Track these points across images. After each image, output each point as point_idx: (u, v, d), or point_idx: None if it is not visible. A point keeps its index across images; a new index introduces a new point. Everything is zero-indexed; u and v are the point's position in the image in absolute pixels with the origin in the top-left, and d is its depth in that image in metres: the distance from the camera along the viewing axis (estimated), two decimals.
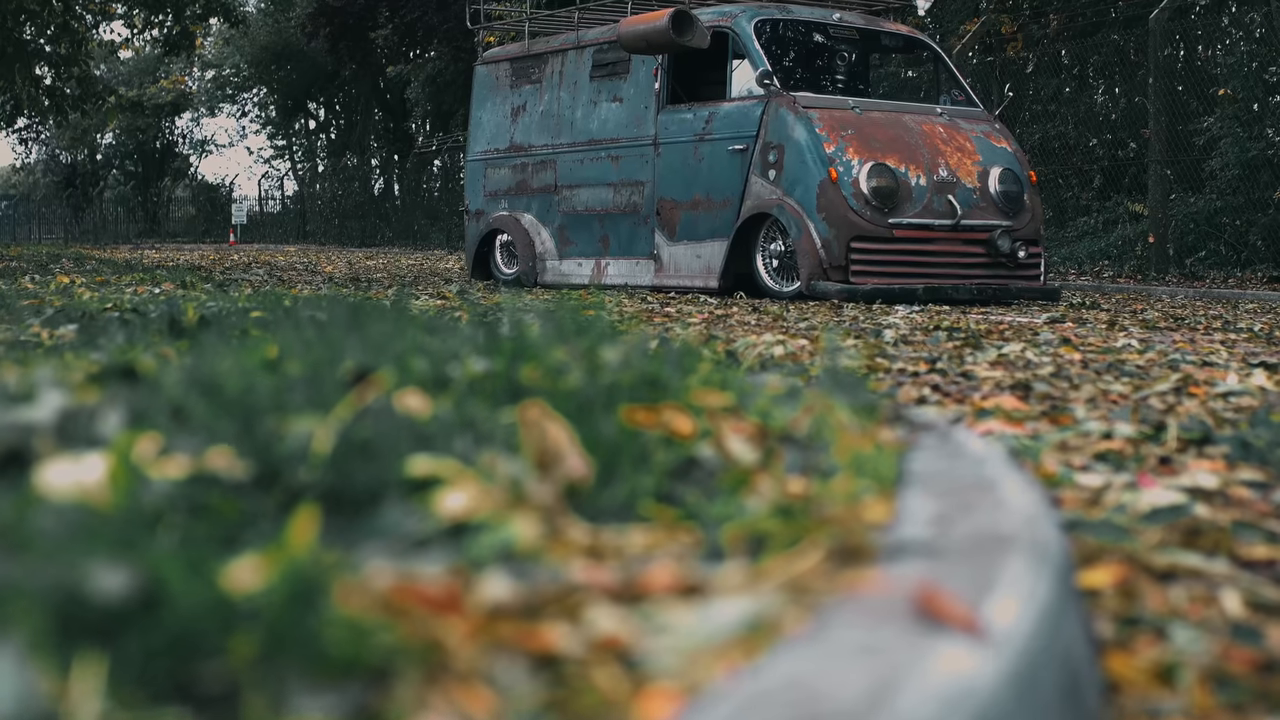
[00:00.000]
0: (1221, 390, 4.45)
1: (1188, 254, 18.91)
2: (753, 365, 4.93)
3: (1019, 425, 3.46)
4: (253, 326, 4.67)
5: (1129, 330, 8.05)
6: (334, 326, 2.59)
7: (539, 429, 1.58)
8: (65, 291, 8.27)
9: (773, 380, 2.51)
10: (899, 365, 5.22)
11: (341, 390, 1.60)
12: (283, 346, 2.14)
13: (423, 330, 2.37)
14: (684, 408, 1.90)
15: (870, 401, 2.29)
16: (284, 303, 6.68)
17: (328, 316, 3.84)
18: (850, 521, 1.42)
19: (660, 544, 1.38)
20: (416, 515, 1.32)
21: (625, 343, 2.27)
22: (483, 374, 1.88)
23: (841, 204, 11.15)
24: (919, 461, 1.76)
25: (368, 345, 2.08)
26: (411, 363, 1.94)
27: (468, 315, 7.64)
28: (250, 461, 1.34)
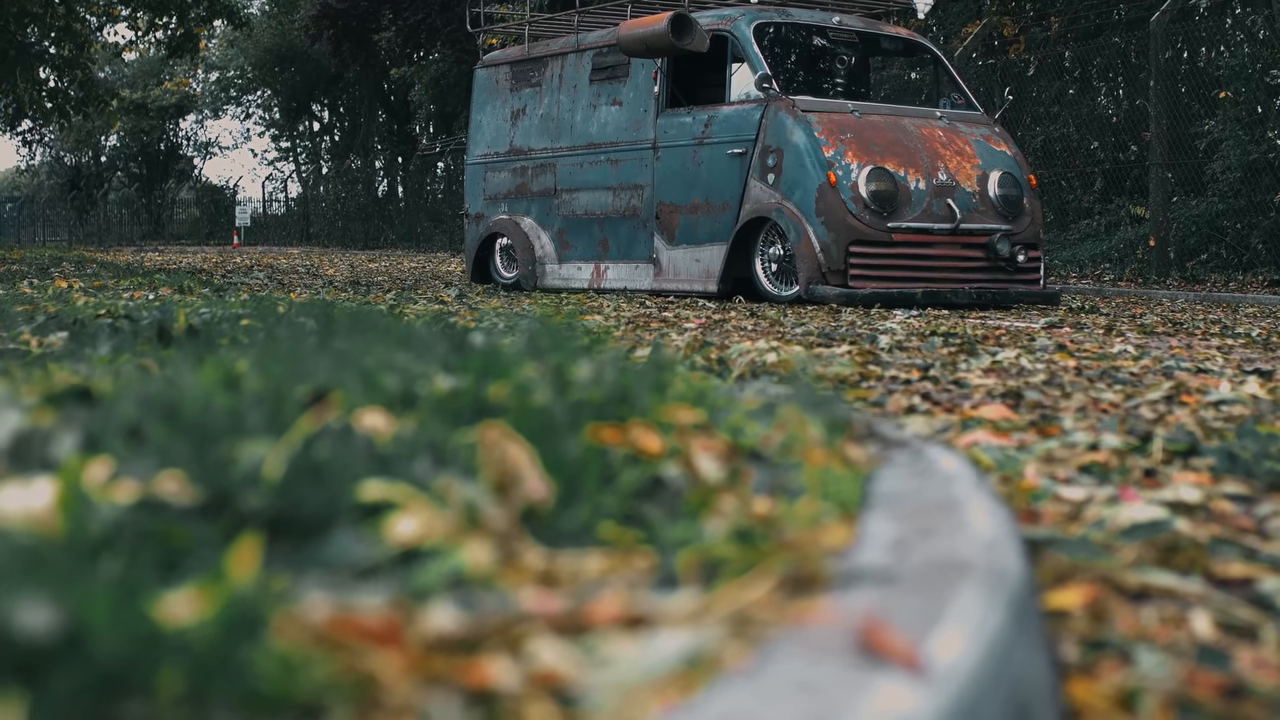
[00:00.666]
0: (1214, 399, 4.43)
1: (1189, 257, 18.89)
2: (744, 373, 4.92)
3: (1005, 436, 3.44)
4: (241, 334, 4.66)
5: (1126, 336, 8.03)
6: (308, 340, 2.58)
7: (499, 450, 1.57)
8: (61, 297, 8.26)
9: (750, 394, 2.50)
10: (891, 372, 5.21)
11: (300, 411, 1.59)
12: (250, 362, 2.13)
13: (395, 344, 2.35)
14: (652, 425, 1.88)
15: (845, 416, 2.27)
16: (277, 308, 6.67)
17: (310, 327, 3.82)
18: (808, 546, 1.40)
19: (615, 569, 1.37)
20: (366, 542, 1.30)
21: (598, 358, 2.25)
22: (450, 392, 1.87)
23: (840, 208, 11.13)
24: (887, 480, 1.75)
25: (337, 361, 2.06)
26: (379, 380, 1.92)
27: (461, 321, 7.63)
28: (200, 487, 1.33)
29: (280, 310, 6.64)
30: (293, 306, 6.74)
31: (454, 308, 9.84)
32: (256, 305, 6.78)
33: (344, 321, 5.10)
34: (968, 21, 24.27)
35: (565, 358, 2.30)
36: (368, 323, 4.73)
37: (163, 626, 1.01)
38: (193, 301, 7.39)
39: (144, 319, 5.86)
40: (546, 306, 10.41)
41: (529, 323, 7.72)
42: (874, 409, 4.17)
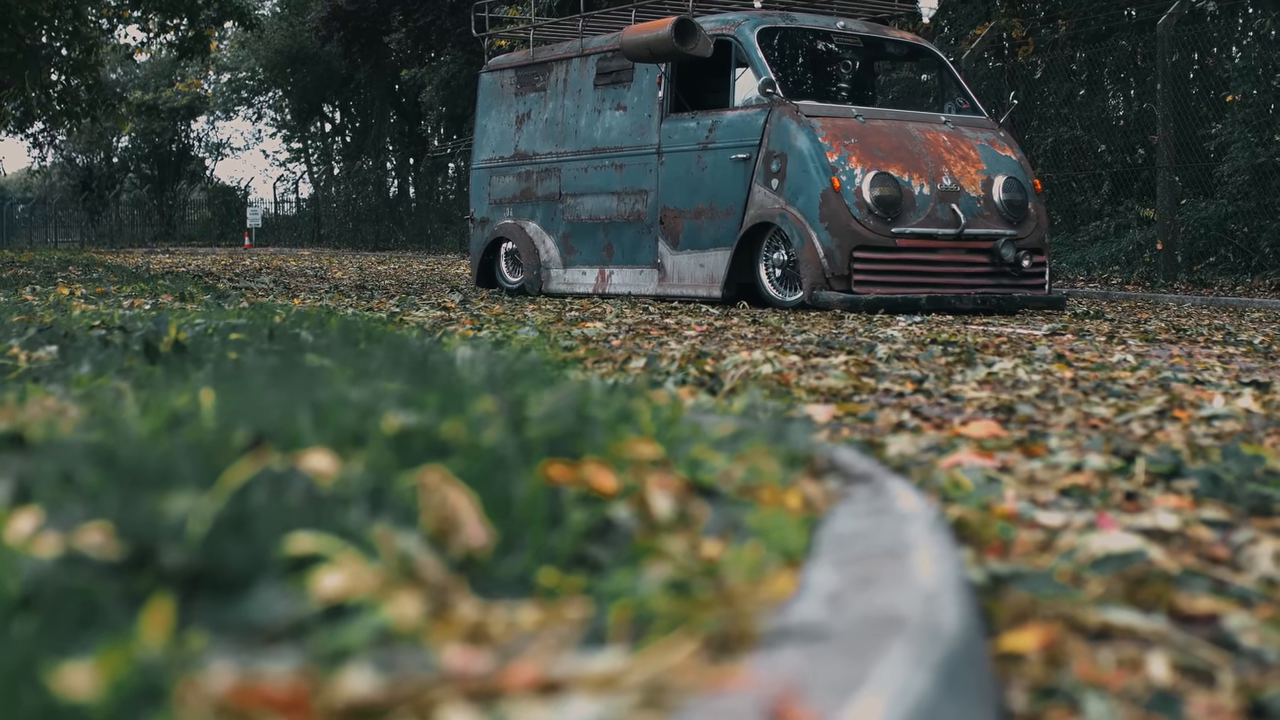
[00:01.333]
0: (1206, 413, 4.41)
1: (1198, 260, 18.84)
2: (735, 387, 4.90)
3: (989, 456, 3.42)
4: (229, 349, 4.65)
5: (1128, 344, 8.00)
6: (277, 366, 2.56)
7: (439, 496, 1.55)
8: (60, 305, 8.25)
9: (718, 422, 2.47)
10: (885, 385, 5.18)
11: (238, 456, 1.57)
12: (207, 395, 2.11)
13: (358, 375, 2.33)
14: (607, 463, 1.86)
15: (808, 447, 2.25)
16: (274, 318, 6.66)
17: (289, 346, 3.81)
18: (745, 600, 1.38)
19: (547, 623, 1.35)
20: (291, 598, 1.28)
21: (562, 388, 2.23)
22: (401, 429, 1.85)
23: (844, 213, 11.10)
24: (841, 521, 1.73)
25: (294, 394, 2.04)
26: (332, 415, 1.90)
27: (460, 331, 7.62)
28: (125, 541, 1.31)
29: (277, 319, 6.64)
30: (289, 316, 6.73)
31: (456, 314, 9.83)
32: (253, 315, 6.77)
33: (328, 338, 5.08)
34: (977, 23, 24.21)
35: (529, 388, 2.28)
36: (352, 338, 4.71)
37: (60, 700, 1.00)
38: (190, 311, 7.37)
39: (137, 330, 5.84)
40: (549, 313, 10.39)
41: (526, 331, 7.71)
42: (863, 425, 4.15)
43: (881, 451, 3.44)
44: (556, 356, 5.26)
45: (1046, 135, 23.08)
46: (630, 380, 4.30)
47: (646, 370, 5.52)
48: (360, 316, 9.14)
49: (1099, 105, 22.65)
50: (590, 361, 5.93)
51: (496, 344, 6.86)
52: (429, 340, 5.38)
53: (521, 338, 7.43)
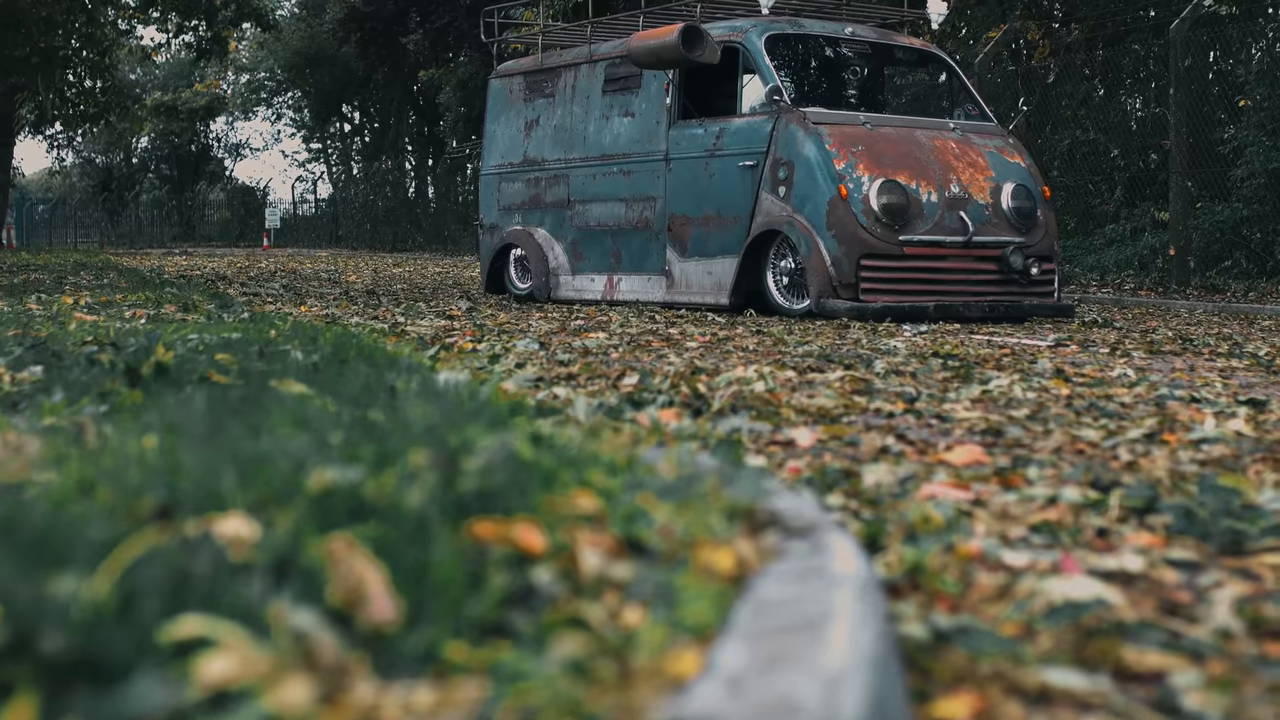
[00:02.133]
0: (1196, 436, 4.37)
1: (1213, 263, 18.76)
2: (724, 408, 4.86)
3: (965, 487, 3.38)
4: (213, 370, 4.63)
5: (1131, 356, 7.95)
6: (225, 407, 2.53)
7: (346, 567, 1.52)
8: (60, 317, 8.25)
9: (673, 461, 2.44)
10: (877, 404, 5.14)
11: (145, 524, 1.54)
12: (141, 445, 2.08)
13: (298, 424, 2.30)
14: (537, 520, 1.83)
15: (759, 494, 2.22)
16: (268, 334, 6.64)
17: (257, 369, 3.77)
18: (645, 683, 1.35)
19: (442, 706, 1.32)
20: (172, 686, 1.25)
21: (501, 438, 2.19)
22: (326, 488, 1.82)
23: (851, 221, 11.06)
24: (768, 585, 1.69)
25: (230, 442, 2.02)
26: (262, 471, 1.87)
27: (461, 343, 7.58)
28: (6, 625, 1.28)
29: (272, 335, 6.61)
30: (284, 331, 6.71)
31: (460, 324, 9.80)
32: (248, 330, 6.75)
33: (318, 354, 5.06)
34: (993, 25, 24.14)
35: (477, 433, 2.25)
36: (341, 355, 4.68)
37: None
38: (189, 324, 7.35)
39: (128, 347, 5.83)
40: (553, 322, 10.37)
41: (526, 344, 7.69)
42: (847, 449, 4.12)
43: (857, 482, 3.40)
44: (521, 397, 5.24)
45: (1063, 138, 23.01)
46: (594, 412, 4.26)
47: (639, 388, 5.48)
48: (363, 326, 9.13)
49: (1115, 108, 22.56)
50: (584, 379, 5.90)
51: (492, 358, 6.83)
52: (413, 361, 5.34)
53: (520, 350, 7.41)
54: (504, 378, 5.86)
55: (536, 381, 5.77)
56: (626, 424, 4.46)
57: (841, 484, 3.40)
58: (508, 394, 4.98)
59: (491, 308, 12.49)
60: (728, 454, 3.84)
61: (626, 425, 4.40)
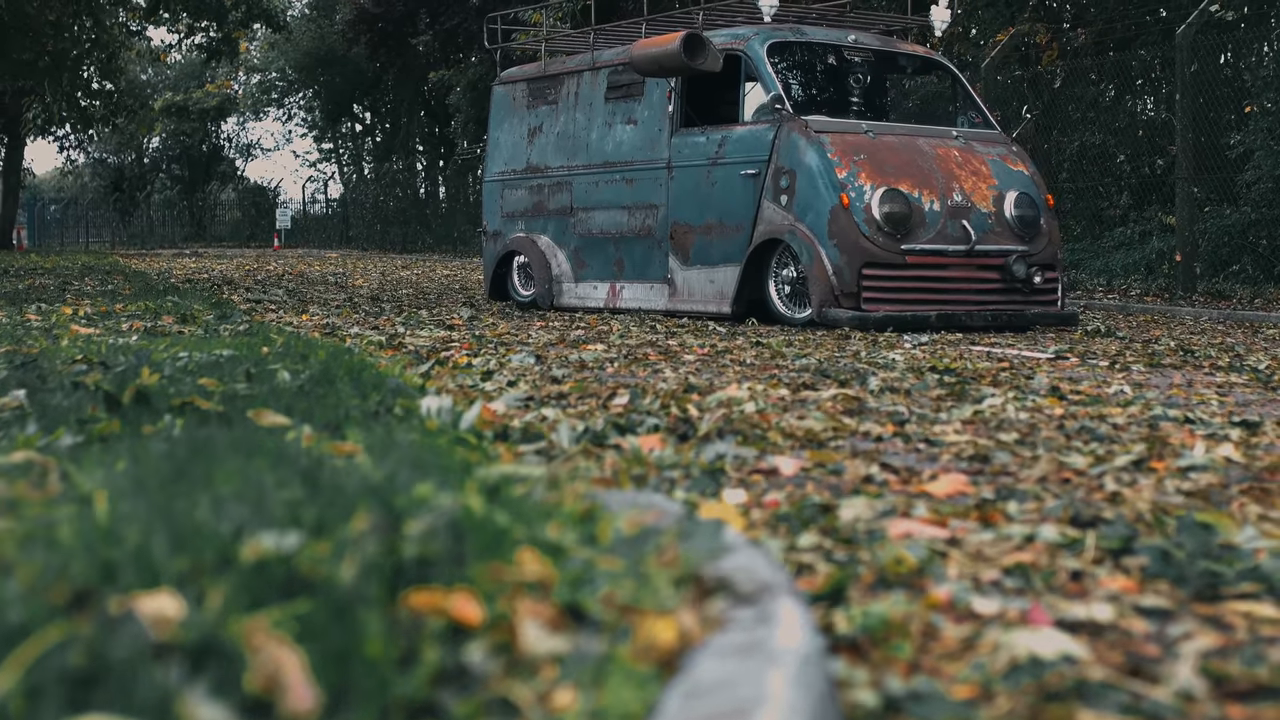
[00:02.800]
0: (1185, 463, 4.33)
1: (1221, 268, 18.69)
2: (711, 432, 4.82)
3: (942, 524, 3.35)
4: (195, 395, 4.60)
5: (1130, 370, 7.91)
6: (166, 464, 2.50)
7: (264, 653, 1.49)
8: (57, 329, 8.23)
9: (628, 518, 2.41)
10: (866, 426, 5.11)
11: (63, 610, 1.51)
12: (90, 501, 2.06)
13: (247, 477, 2.27)
14: (475, 591, 1.80)
15: (715, 551, 2.19)
16: (260, 350, 6.61)
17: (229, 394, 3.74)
18: None
19: None
20: None
21: (453, 497, 2.16)
22: (262, 557, 1.79)
23: (853, 230, 11.02)
24: (704, 664, 1.66)
25: (165, 509, 1.98)
26: (199, 538, 1.84)
27: (458, 357, 7.54)
28: None
29: (264, 351, 6.59)
30: (276, 348, 6.68)
31: (459, 335, 9.77)
32: (240, 347, 6.73)
33: (309, 373, 5.03)
34: (1001, 28, 24.06)
35: (425, 490, 2.21)
36: (329, 376, 4.64)
37: None
38: (184, 338, 7.32)
39: (117, 366, 5.81)
40: (553, 332, 10.34)
41: (521, 358, 7.65)
42: (830, 477, 4.08)
43: (833, 518, 3.37)
44: (508, 420, 5.20)
45: (1072, 140, 22.94)
46: (577, 439, 4.22)
47: (628, 409, 5.45)
48: (361, 338, 9.10)
49: (1122, 112, 22.48)
50: (575, 398, 5.87)
51: (485, 374, 6.80)
52: (400, 382, 5.31)
53: (515, 365, 7.38)
54: (494, 396, 5.84)
55: (527, 401, 5.74)
56: (611, 450, 4.43)
57: (818, 520, 3.37)
58: (492, 419, 4.96)
59: (493, 316, 12.46)
60: (706, 486, 3.81)
61: (610, 453, 4.37)
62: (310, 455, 2.71)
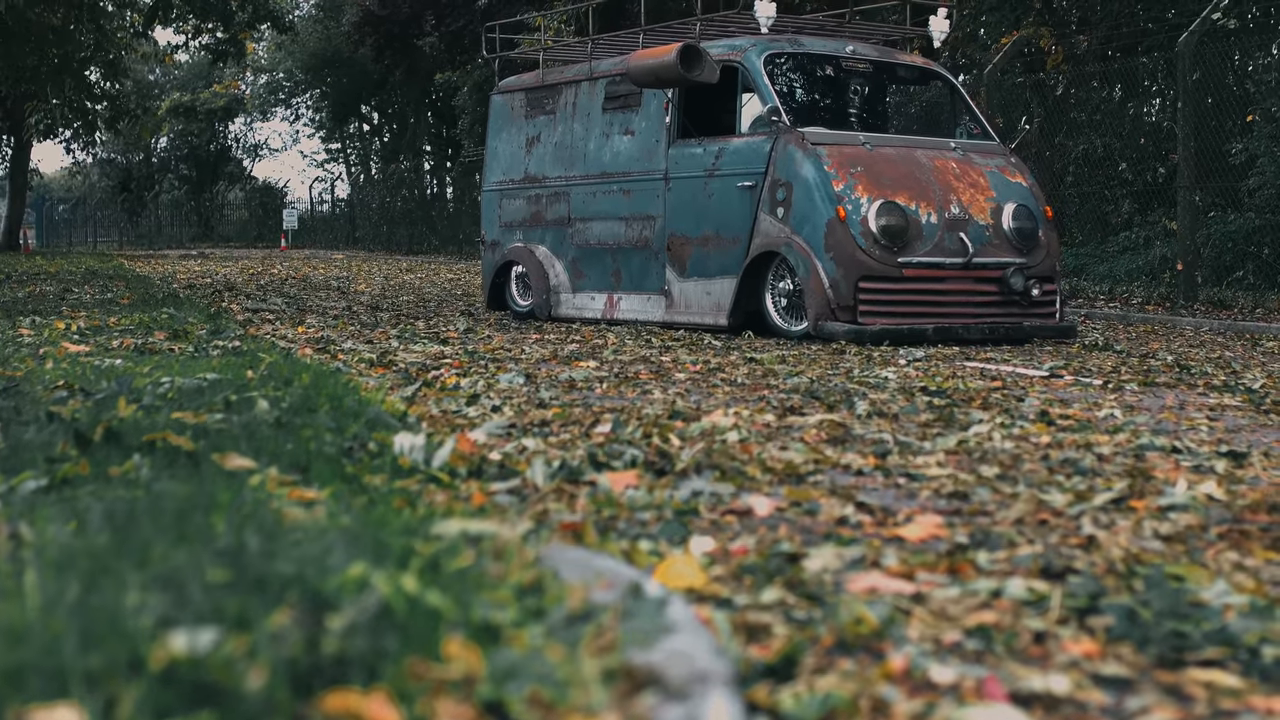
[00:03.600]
0: (1165, 502, 4.28)
1: (1225, 274, 18.62)
2: (689, 466, 4.78)
3: (909, 577, 3.30)
4: (169, 431, 4.56)
5: (1124, 389, 7.86)
6: (104, 532, 2.46)
7: None
8: (44, 349, 8.19)
9: (579, 588, 2.36)
10: (848, 458, 5.06)
11: None
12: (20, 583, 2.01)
13: (172, 558, 2.22)
14: (392, 693, 1.76)
15: (658, 628, 2.15)
16: (245, 374, 6.58)
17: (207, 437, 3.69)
18: None
19: None
20: None
21: (370, 593, 2.11)
22: (172, 660, 1.74)
23: (850, 243, 10.97)
24: None
25: (77, 608, 1.94)
26: (114, 633, 1.80)
27: (446, 378, 7.49)
28: None
29: (248, 375, 6.55)
30: (261, 373, 6.64)
31: (452, 350, 9.72)
32: (225, 370, 6.69)
33: (289, 401, 4.98)
34: (1005, 32, 24.00)
35: (359, 570, 2.17)
36: (310, 404, 4.59)
37: None
38: (168, 362, 7.28)
39: (99, 393, 5.77)
40: (548, 346, 10.29)
41: (510, 378, 7.60)
42: (805, 518, 4.04)
43: (799, 570, 3.32)
44: (481, 454, 5.16)
45: (1078, 143, 22.88)
46: (552, 477, 4.16)
47: (609, 438, 5.42)
48: (353, 354, 9.06)
49: (1125, 119, 22.39)
50: (558, 425, 5.83)
51: (471, 398, 6.75)
52: (381, 412, 5.26)
53: (502, 387, 7.33)
54: (477, 423, 5.79)
55: (509, 428, 5.70)
56: (586, 487, 4.39)
57: (784, 571, 3.32)
58: (471, 451, 4.91)
59: (490, 328, 12.42)
60: (675, 533, 3.76)
61: (585, 490, 4.33)
62: (259, 519, 2.67)
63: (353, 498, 3.81)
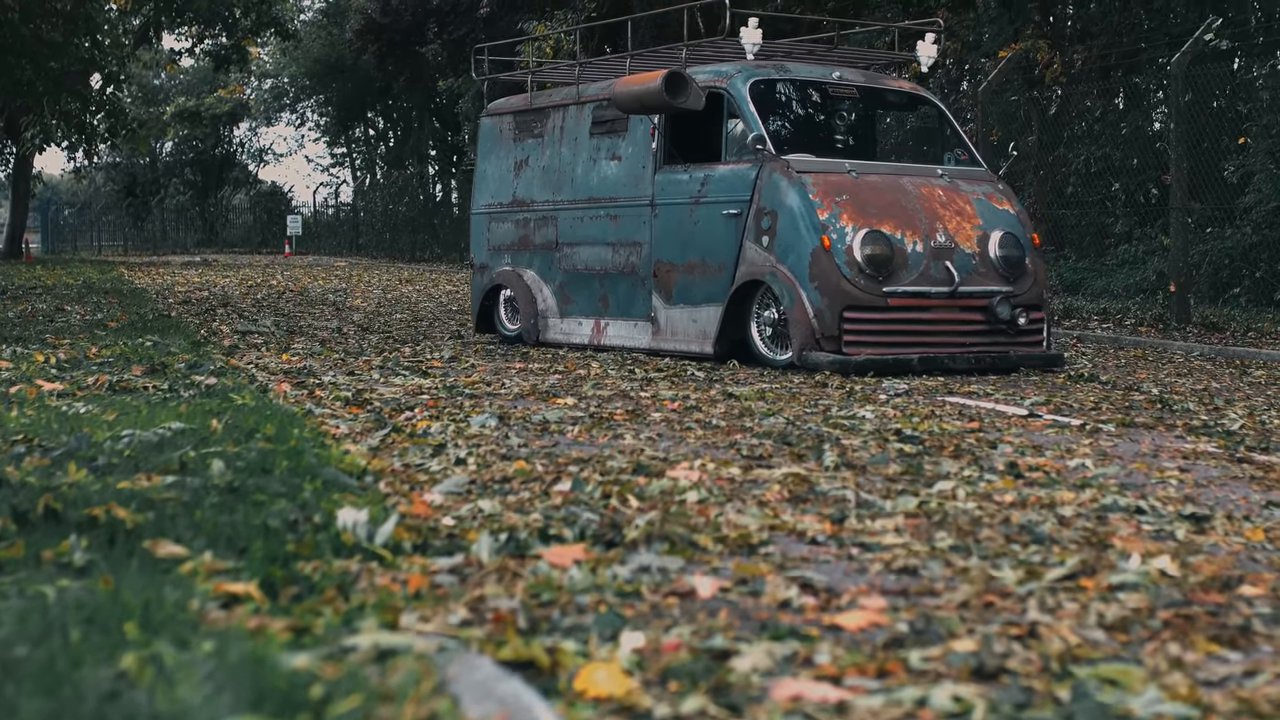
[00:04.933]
0: (1116, 580, 4.24)
1: (1222, 290, 18.57)
2: (640, 538, 4.72)
3: (835, 682, 3.25)
4: (113, 502, 4.52)
5: (1101, 431, 7.80)
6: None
7: None
8: (15, 387, 8.16)
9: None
10: (804, 523, 5.01)
11: None
12: None
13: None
14: None
15: None
16: (210, 424, 6.54)
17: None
18: None
19: None
20: None
21: None
22: None
23: (834, 273, 10.92)
24: None
25: None
26: None
27: (417, 422, 7.43)
28: None
29: (213, 426, 6.51)
30: (226, 422, 6.59)
31: (430, 386, 9.66)
32: (191, 419, 6.65)
33: (225, 479, 4.94)
34: (1004, 44, 23.94)
35: None
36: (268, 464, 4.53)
37: None
38: (128, 414, 7.21)
39: (57, 449, 5.74)
40: (530, 378, 10.24)
41: (483, 420, 7.55)
42: (748, 599, 4.00)
43: (728, 670, 3.28)
44: (425, 531, 5.11)
45: (1078, 153, 22.82)
46: (497, 552, 4.09)
47: (568, 498, 5.38)
48: (330, 390, 9.01)
49: (1118, 137, 22.32)
50: (518, 483, 5.78)
51: (437, 447, 6.70)
52: (337, 474, 5.21)
53: (472, 433, 7.27)
54: (438, 479, 5.75)
55: (469, 486, 5.65)
56: (532, 562, 4.34)
57: (713, 672, 3.27)
58: (425, 514, 4.88)
59: (476, 355, 12.37)
60: (608, 626, 3.71)
61: (530, 566, 4.27)
62: (155, 658, 2.62)
63: (285, 587, 3.77)
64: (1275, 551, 4.79)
